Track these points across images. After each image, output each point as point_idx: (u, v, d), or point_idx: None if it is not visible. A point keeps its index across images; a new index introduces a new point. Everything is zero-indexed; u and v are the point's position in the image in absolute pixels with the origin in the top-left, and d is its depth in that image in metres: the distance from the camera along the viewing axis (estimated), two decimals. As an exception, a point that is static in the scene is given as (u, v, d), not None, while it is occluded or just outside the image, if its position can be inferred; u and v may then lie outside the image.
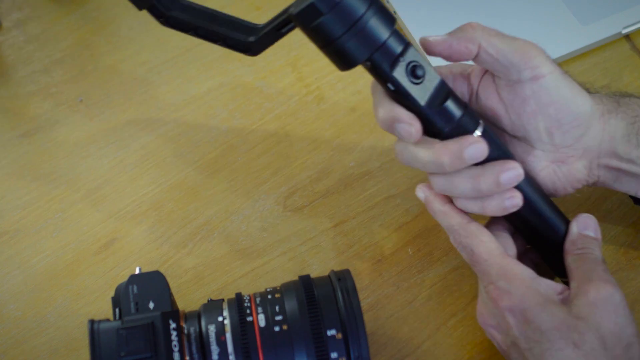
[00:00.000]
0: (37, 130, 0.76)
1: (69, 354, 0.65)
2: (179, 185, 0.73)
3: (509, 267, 0.57)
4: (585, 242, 0.59)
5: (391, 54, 0.56)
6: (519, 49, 0.58)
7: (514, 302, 0.55)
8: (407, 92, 0.57)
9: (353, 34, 0.54)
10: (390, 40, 0.56)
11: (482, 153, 0.56)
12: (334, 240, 0.70)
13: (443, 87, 0.58)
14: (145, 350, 0.53)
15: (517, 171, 0.57)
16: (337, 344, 0.55)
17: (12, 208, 0.72)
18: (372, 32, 0.55)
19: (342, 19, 0.54)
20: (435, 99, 0.57)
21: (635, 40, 0.79)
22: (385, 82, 0.57)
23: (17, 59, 0.80)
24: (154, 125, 0.76)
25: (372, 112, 0.76)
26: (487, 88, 0.60)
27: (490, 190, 0.58)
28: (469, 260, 0.59)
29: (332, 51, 0.56)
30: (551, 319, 0.54)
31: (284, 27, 0.57)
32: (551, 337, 0.53)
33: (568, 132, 0.59)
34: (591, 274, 0.57)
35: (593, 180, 0.62)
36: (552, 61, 0.59)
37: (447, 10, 0.80)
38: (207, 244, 0.70)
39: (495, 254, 0.58)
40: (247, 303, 0.57)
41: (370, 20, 0.54)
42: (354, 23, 0.54)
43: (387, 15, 0.56)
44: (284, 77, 0.79)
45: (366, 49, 0.55)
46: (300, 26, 0.55)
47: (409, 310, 0.66)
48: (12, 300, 0.68)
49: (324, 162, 0.74)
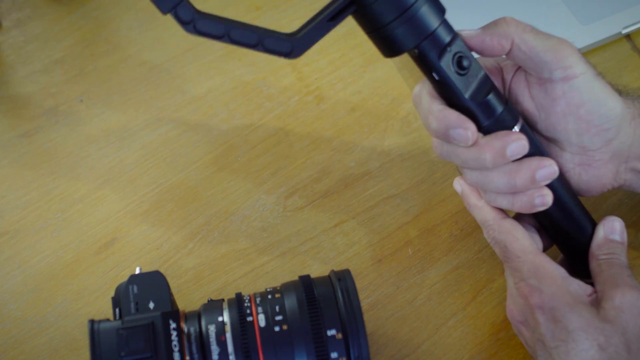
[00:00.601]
0: (37, 130, 0.76)
1: (69, 354, 0.65)
2: (179, 185, 0.73)
3: (542, 265, 0.57)
4: (611, 247, 0.60)
5: (440, 43, 0.55)
6: (552, 48, 0.57)
7: (544, 301, 0.56)
8: (452, 83, 0.56)
9: (404, 20, 0.54)
10: (439, 29, 0.55)
11: (524, 149, 0.57)
12: (334, 240, 0.70)
13: (487, 80, 0.57)
14: (145, 350, 0.53)
15: (552, 168, 0.57)
16: (337, 344, 0.55)
17: (12, 208, 0.72)
18: (423, 20, 0.54)
19: (395, 5, 0.53)
20: (478, 91, 0.57)
21: (635, 40, 0.79)
22: (430, 72, 0.56)
23: (17, 59, 0.80)
24: (154, 125, 0.76)
25: (372, 112, 0.76)
26: (519, 85, 0.60)
27: (524, 187, 0.58)
28: (501, 256, 0.60)
29: (381, 37, 0.55)
30: (579, 320, 0.54)
31: (337, 16, 0.55)
32: (577, 337, 0.54)
33: (598, 135, 0.59)
34: (617, 279, 0.57)
35: (619, 183, 0.61)
36: (586, 61, 0.58)
37: (447, 11, 0.80)
38: (207, 244, 0.70)
39: (528, 251, 0.58)
40: (247, 303, 0.57)
41: (422, 7, 0.54)
42: (406, 9, 0.53)
43: (438, 3, 0.55)
44: (284, 77, 0.79)
45: (415, 36, 0.55)
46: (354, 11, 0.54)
47: (409, 310, 0.66)
48: (12, 300, 0.68)
49: (324, 162, 0.74)
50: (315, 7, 0.79)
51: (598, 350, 0.53)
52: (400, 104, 0.76)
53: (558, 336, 0.55)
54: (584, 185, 0.61)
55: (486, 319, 0.65)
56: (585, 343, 0.54)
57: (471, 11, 0.80)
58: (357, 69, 0.55)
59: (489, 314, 0.65)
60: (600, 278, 0.58)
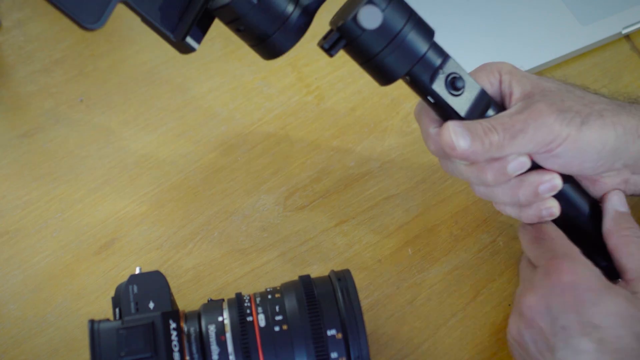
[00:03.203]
0: (37, 130, 0.76)
1: (69, 354, 0.65)
2: (179, 185, 0.73)
3: (574, 250, 0.57)
4: (626, 219, 0.59)
5: (431, 67, 0.56)
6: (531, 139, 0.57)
7: (580, 280, 0.54)
8: (447, 104, 0.57)
9: (392, 49, 0.54)
10: (429, 54, 0.56)
11: (524, 166, 0.57)
12: (334, 240, 0.70)
13: (483, 96, 0.58)
14: (145, 350, 0.53)
15: (553, 182, 0.58)
16: (337, 344, 0.55)
17: (12, 208, 0.72)
18: (411, 46, 0.55)
19: (381, 35, 0.54)
20: (475, 109, 0.57)
21: (635, 40, 0.79)
22: (425, 95, 0.57)
23: (17, 59, 0.80)
24: (154, 125, 0.76)
25: (372, 112, 0.76)
26: None
27: (529, 201, 0.59)
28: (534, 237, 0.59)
29: (371, 67, 0.56)
30: (615, 305, 0.53)
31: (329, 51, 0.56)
32: (613, 323, 0.53)
33: (598, 168, 0.59)
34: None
35: (630, 192, 0.62)
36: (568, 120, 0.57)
37: (448, 11, 0.80)
38: (207, 244, 0.70)
39: (561, 236, 0.59)
40: (247, 303, 0.57)
41: (408, 34, 0.55)
42: (393, 38, 0.54)
43: (426, 27, 0.56)
44: (284, 77, 0.79)
45: (405, 63, 0.55)
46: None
47: (409, 310, 0.66)
48: (12, 300, 0.68)
49: (324, 162, 0.74)
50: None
51: (634, 338, 0.52)
52: (400, 104, 0.76)
53: (592, 321, 0.53)
54: (592, 194, 0.62)
55: (486, 319, 0.65)
56: (621, 330, 0.52)
57: (472, 11, 0.80)
58: (357, 69, 0.55)
59: (489, 314, 0.65)
60: (631, 258, 0.57)
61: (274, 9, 0.55)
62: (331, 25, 0.56)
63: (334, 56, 0.55)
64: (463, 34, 0.79)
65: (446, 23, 0.79)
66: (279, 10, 0.55)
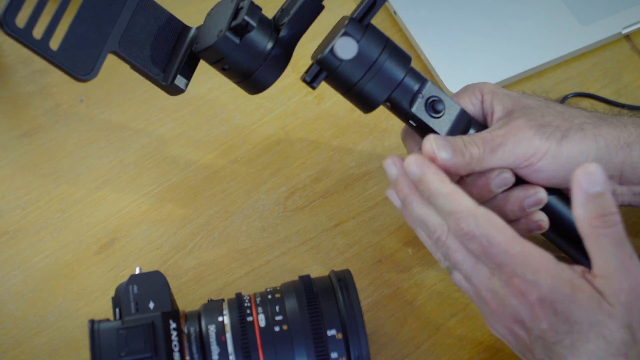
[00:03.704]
0: (37, 130, 0.76)
1: (69, 354, 0.65)
2: (179, 185, 0.73)
3: (531, 255, 0.52)
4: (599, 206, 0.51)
5: (409, 92, 0.58)
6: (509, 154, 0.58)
7: (544, 294, 0.52)
8: (429, 127, 0.59)
9: (370, 77, 0.57)
10: (406, 79, 0.58)
11: (508, 181, 0.58)
12: (334, 240, 0.70)
13: (463, 117, 0.60)
14: (145, 350, 0.53)
15: (538, 196, 0.58)
16: (337, 344, 0.55)
17: (12, 208, 0.72)
18: (388, 73, 0.58)
19: (359, 64, 0.57)
20: (457, 129, 0.59)
21: (635, 40, 0.79)
22: (407, 120, 0.60)
23: (17, 59, 0.80)
24: (154, 125, 0.76)
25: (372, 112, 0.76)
26: None
27: (516, 216, 0.59)
28: (480, 252, 0.53)
29: (352, 96, 0.59)
30: (582, 310, 0.52)
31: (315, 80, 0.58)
32: (582, 328, 0.52)
33: None
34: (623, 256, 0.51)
35: (619, 203, 0.61)
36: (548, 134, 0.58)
37: (448, 11, 0.80)
38: (207, 244, 0.70)
39: (515, 241, 0.52)
40: (247, 303, 0.57)
41: (385, 62, 0.57)
42: (370, 67, 0.57)
43: (402, 54, 0.59)
44: (284, 77, 0.78)
45: (384, 90, 0.58)
46: None
47: (409, 310, 0.66)
48: (12, 300, 0.68)
49: (324, 162, 0.74)
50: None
51: (604, 341, 0.53)
52: (400, 104, 0.76)
53: (562, 329, 0.53)
54: None
55: (486, 319, 0.65)
56: (591, 333, 0.52)
57: (472, 11, 0.80)
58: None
59: (489, 314, 0.65)
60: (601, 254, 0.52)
61: (255, 47, 0.59)
62: (312, 60, 0.59)
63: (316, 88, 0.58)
64: (463, 34, 0.79)
65: (446, 23, 0.79)
66: (260, 47, 0.59)
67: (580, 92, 0.75)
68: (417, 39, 0.78)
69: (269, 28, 0.59)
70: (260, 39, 0.59)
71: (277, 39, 0.59)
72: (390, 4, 0.81)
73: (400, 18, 0.80)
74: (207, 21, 0.61)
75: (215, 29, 0.59)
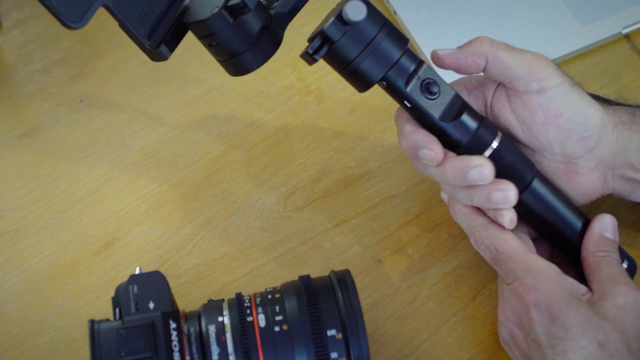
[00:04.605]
0: (37, 130, 0.76)
1: (69, 354, 0.65)
2: (179, 185, 0.73)
3: (535, 263, 0.57)
4: (606, 244, 0.60)
5: (405, 72, 0.59)
6: (525, 62, 0.60)
7: (540, 297, 0.56)
8: (423, 108, 0.59)
9: (367, 54, 0.57)
10: (403, 59, 0.58)
11: (486, 177, 0.58)
12: (334, 240, 0.70)
13: (457, 100, 0.60)
14: (145, 350, 0.53)
15: (504, 194, 0.58)
16: (337, 344, 0.55)
17: (12, 208, 0.72)
18: (385, 52, 0.58)
19: (356, 42, 0.57)
20: (450, 113, 0.60)
21: (635, 40, 0.79)
22: (402, 100, 0.60)
23: (17, 59, 0.80)
24: (154, 125, 0.76)
25: (372, 112, 0.76)
26: (499, 99, 0.62)
27: (484, 207, 0.60)
28: (492, 260, 0.60)
29: (349, 73, 0.58)
30: (577, 316, 0.54)
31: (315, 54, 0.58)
32: (576, 334, 0.54)
33: (579, 143, 0.60)
34: (617, 278, 0.57)
35: (608, 191, 0.62)
36: (561, 73, 0.60)
37: (448, 11, 0.80)
38: (207, 244, 0.70)
39: (519, 251, 0.58)
40: (247, 303, 0.57)
41: (382, 41, 0.58)
42: (368, 44, 0.57)
43: (399, 35, 0.59)
44: (284, 77, 0.79)
45: (381, 68, 0.58)
46: None
47: (409, 310, 0.66)
48: (12, 300, 0.68)
49: (324, 162, 0.74)
50: (315, 6, 0.79)
51: (597, 347, 0.53)
52: (400, 104, 0.76)
53: (555, 333, 0.54)
54: (572, 193, 0.62)
55: (486, 319, 0.65)
56: (584, 340, 0.53)
57: (472, 11, 0.80)
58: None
59: (489, 314, 0.65)
60: (598, 276, 0.58)
61: (247, 29, 0.58)
62: (312, 37, 0.58)
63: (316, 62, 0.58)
64: (463, 34, 0.78)
65: (446, 23, 0.79)
66: (252, 30, 0.58)
67: (580, 92, 0.76)
68: (417, 39, 0.78)
69: (263, 12, 0.59)
70: (254, 23, 0.58)
71: (269, 24, 0.59)
72: (390, 4, 0.81)
73: (400, 18, 0.80)
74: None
75: (211, 4, 0.58)
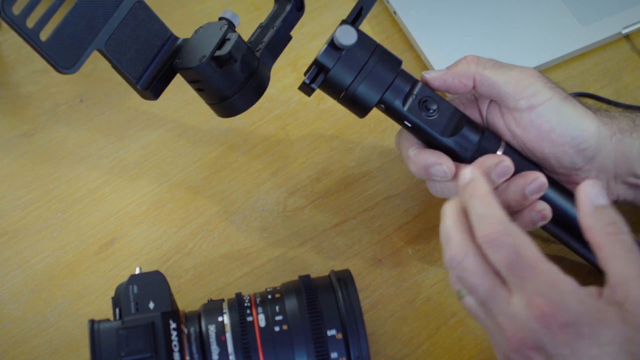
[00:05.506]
0: (37, 130, 0.76)
1: (69, 354, 0.65)
2: (179, 185, 0.73)
3: (558, 276, 0.49)
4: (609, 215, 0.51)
5: (401, 92, 0.60)
6: (512, 80, 0.59)
7: (571, 318, 0.48)
8: (423, 126, 0.60)
9: (361, 79, 0.59)
10: (397, 80, 0.60)
11: (509, 170, 0.58)
12: (334, 240, 0.70)
13: (457, 114, 0.61)
14: (145, 350, 0.53)
15: (540, 180, 0.58)
16: (337, 344, 0.55)
17: (12, 208, 0.72)
18: (380, 74, 0.59)
19: (350, 67, 0.59)
20: (451, 127, 0.60)
21: (635, 40, 0.79)
22: (402, 120, 0.60)
23: (17, 59, 0.80)
24: (154, 125, 0.76)
25: (373, 112, 0.76)
26: (493, 115, 0.62)
27: (519, 204, 0.59)
28: (508, 264, 0.49)
29: (347, 99, 0.60)
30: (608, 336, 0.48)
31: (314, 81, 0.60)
32: (612, 350, 0.48)
33: (576, 155, 0.60)
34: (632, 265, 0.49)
35: (613, 198, 0.62)
36: (551, 86, 0.60)
37: (448, 11, 0.80)
38: (207, 244, 0.70)
39: (543, 259, 0.49)
40: (247, 303, 0.57)
41: (376, 64, 0.59)
42: (361, 68, 0.59)
43: (392, 57, 0.60)
44: (284, 77, 0.79)
45: (376, 91, 0.59)
46: None
47: (409, 310, 0.66)
48: (12, 300, 0.68)
49: (324, 162, 0.74)
50: (315, 7, 0.79)
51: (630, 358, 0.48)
52: (400, 104, 0.76)
53: (586, 353, 0.48)
54: None
55: (486, 319, 0.65)
56: (620, 354, 0.48)
57: (472, 12, 0.80)
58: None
59: (489, 314, 0.65)
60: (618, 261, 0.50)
61: (233, 77, 0.60)
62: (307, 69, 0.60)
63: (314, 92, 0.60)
64: (463, 35, 0.79)
65: (446, 23, 0.79)
66: (239, 77, 0.60)
67: (580, 92, 0.75)
68: (417, 39, 0.78)
69: (251, 58, 0.61)
70: (240, 71, 0.60)
71: (257, 67, 0.61)
72: (390, 4, 0.81)
73: (400, 18, 0.80)
74: (193, 38, 0.62)
75: (199, 52, 0.60)
